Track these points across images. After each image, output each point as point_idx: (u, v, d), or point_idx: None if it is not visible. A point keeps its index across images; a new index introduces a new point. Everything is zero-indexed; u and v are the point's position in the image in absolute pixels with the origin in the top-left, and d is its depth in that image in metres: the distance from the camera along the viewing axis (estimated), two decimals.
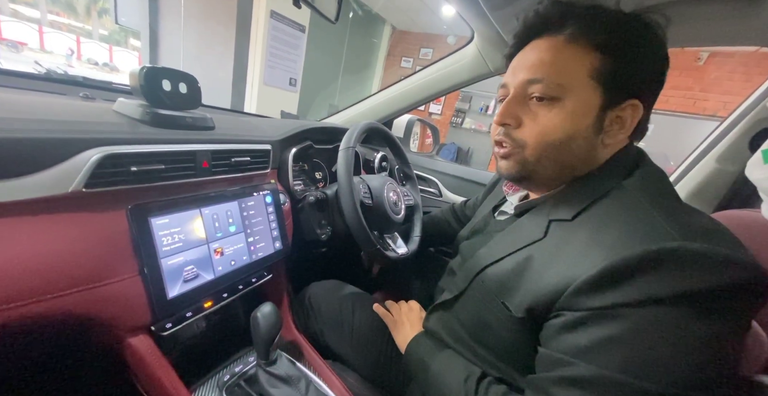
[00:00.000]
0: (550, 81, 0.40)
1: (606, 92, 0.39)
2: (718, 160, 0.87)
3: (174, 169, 0.49)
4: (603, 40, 0.39)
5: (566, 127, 0.40)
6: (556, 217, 0.41)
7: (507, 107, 0.43)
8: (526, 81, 0.42)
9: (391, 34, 4.97)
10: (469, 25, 0.87)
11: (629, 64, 0.39)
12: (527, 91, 0.42)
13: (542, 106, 0.41)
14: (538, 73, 0.41)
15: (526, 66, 0.42)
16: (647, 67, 0.40)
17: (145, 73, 0.47)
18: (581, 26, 0.40)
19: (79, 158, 0.39)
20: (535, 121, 0.42)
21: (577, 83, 0.39)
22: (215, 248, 0.54)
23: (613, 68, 0.39)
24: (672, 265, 0.30)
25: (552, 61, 0.40)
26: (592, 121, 0.40)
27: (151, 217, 0.46)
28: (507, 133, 0.44)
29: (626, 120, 0.41)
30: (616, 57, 0.39)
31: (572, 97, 0.40)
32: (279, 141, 0.73)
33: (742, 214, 0.54)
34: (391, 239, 0.81)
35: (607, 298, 0.32)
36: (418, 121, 1.36)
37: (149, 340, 0.47)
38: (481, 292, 0.46)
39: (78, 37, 6.03)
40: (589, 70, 0.39)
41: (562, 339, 0.34)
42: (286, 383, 0.55)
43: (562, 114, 0.40)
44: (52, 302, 0.37)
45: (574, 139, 0.40)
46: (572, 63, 0.40)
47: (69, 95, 0.61)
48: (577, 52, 0.39)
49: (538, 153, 0.42)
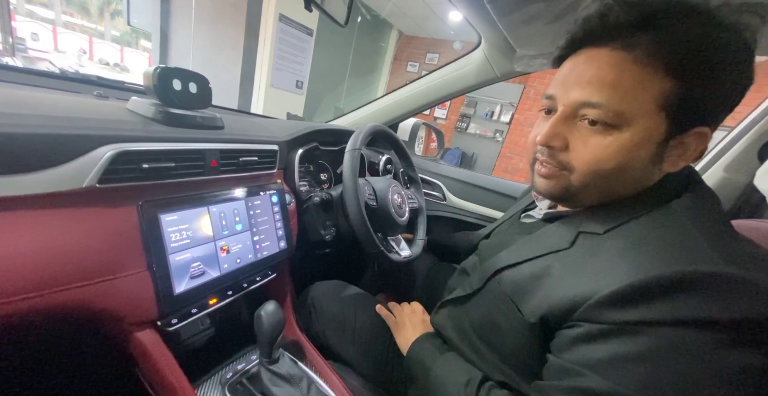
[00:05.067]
0: (610, 108, 0.34)
1: (672, 121, 0.34)
2: (727, 169, 0.86)
3: (184, 167, 0.50)
4: (681, 62, 0.32)
5: (620, 158, 0.35)
6: (587, 230, 0.39)
7: (554, 128, 0.38)
8: (580, 103, 0.36)
9: (398, 38, 5.01)
10: (477, 30, 0.88)
11: (706, 90, 0.33)
12: (579, 112, 0.37)
13: (595, 132, 0.36)
14: (595, 96, 0.35)
15: (580, 82, 0.36)
16: (727, 90, 0.34)
17: (158, 73, 0.48)
18: (657, 43, 0.33)
19: (93, 154, 0.40)
20: (585, 147, 0.37)
21: (640, 113, 0.34)
22: (222, 246, 0.55)
23: (686, 95, 0.33)
24: (708, 289, 0.29)
25: (614, 83, 0.34)
26: (652, 151, 0.36)
27: (160, 214, 0.47)
28: (551, 154, 0.40)
29: (689, 147, 0.36)
30: (693, 82, 0.33)
31: (634, 126, 0.34)
32: (286, 142, 0.74)
33: (752, 225, 0.54)
34: (395, 242, 0.81)
35: (632, 314, 0.31)
36: (423, 125, 1.37)
37: (155, 335, 0.48)
38: (495, 293, 0.45)
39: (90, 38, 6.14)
40: (658, 97, 0.33)
41: (577, 349, 0.34)
42: (288, 382, 0.56)
43: (619, 144, 0.35)
44: (64, 294, 0.38)
45: (627, 170, 0.36)
46: (639, 88, 0.34)
47: (83, 93, 0.63)
48: (646, 76, 0.33)
49: (586, 180, 0.38)
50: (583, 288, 0.34)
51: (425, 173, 1.22)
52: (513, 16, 0.69)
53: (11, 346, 0.44)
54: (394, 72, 5.21)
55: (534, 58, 0.86)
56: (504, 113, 4.52)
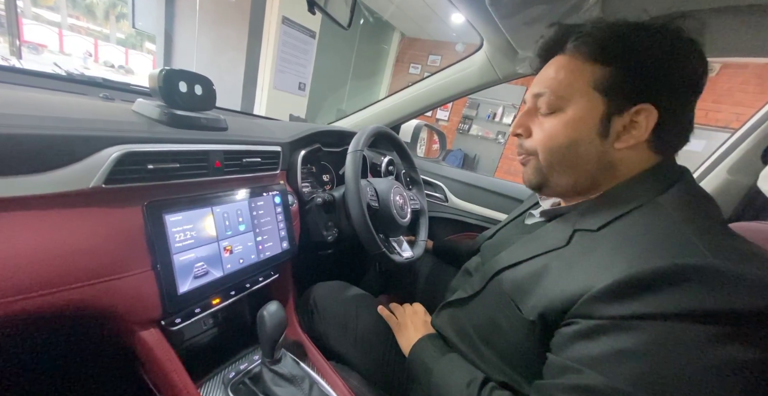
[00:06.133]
0: (552, 93, 0.43)
1: (610, 99, 0.41)
2: (730, 171, 0.86)
3: (188, 167, 0.50)
4: (600, 51, 0.41)
5: (568, 132, 0.43)
6: (581, 227, 0.41)
7: (519, 120, 0.48)
8: (533, 95, 0.46)
9: (400, 40, 5.02)
10: (479, 32, 0.88)
11: (634, 72, 0.39)
12: (536, 105, 0.46)
13: (547, 117, 0.45)
14: (542, 88, 0.45)
15: (536, 82, 0.46)
16: (659, 72, 0.39)
17: (163, 75, 0.48)
18: (579, 42, 0.43)
19: (100, 155, 0.41)
20: (541, 130, 0.45)
21: (577, 94, 0.42)
22: (225, 246, 0.55)
23: (616, 77, 0.40)
24: (699, 283, 0.29)
25: (554, 75, 0.44)
26: (595, 125, 0.41)
27: (165, 214, 0.47)
28: (520, 143, 0.49)
29: (640, 125, 0.40)
30: (617, 66, 0.40)
31: (573, 106, 0.42)
32: (289, 143, 0.74)
33: (756, 227, 0.54)
34: (397, 243, 0.81)
35: (626, 309, 0.31)
36: (425, 126, 1.37)
37: (159, 334, 0.48)
38: (496, 293, 0.46)
39: (96, 40, 6.20)
40: (590, 80, 0.41)
41: (574, 347, 0.34)
42: (290, 383, 0.56)
43: (564, 121, 0.43)
44: (69, 293, 0.38)
45: (579, 144, 0.42)
46: (572, 76, 0.42)
47: (89, 95, 0.63)
48: (576, 66, 0.42)
49: (548, 158, 0.45)
50: (579, 284, 0.35)
51: (427, 175, 1.22)
52: (515, 18, 0.69)
53: (17, 344, 0.44)
54: (396, 74, 5.22)
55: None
56: (506, 115, 4.51)
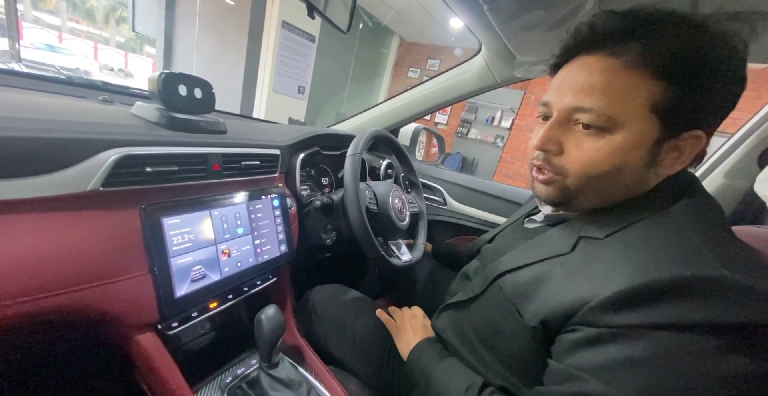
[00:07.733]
0: (601, 112, 0.35)
1: (665, 125, 0.35)
2: (727, 175, 0.86)
3: (186, 170, 0.50)
4: (670, 67, 0.33)
5: (614, 160, 0.36)
6: (587, 235, 0.40)
7: (549, 132, 0.39)
8: (572, 108, 0.37)
9: (399, 45, 5.06)
10: (477, 37, 0.89)
11: (697, 94, 0.34)
12: (572, 117, 0.38)
13: (588, 135, 0.37)
14: (586, 101, 0.36)
15: (573, 89, 0.38)
16: (719, 95, 0.34)
17: (163, 79, 0.48)
18: (645, 48, 0.34)
19: (98, 158, 0.41)
20: (579, 150, 0.38)
21: (632, 116, 0.35)
22: (223, 249, 0.55)
23: (678, 99, 0.34)
24: (708, 294, 0.29)
25: (605, 88, 0.35)
26: (644, 154, 0.36)
27: (163, 217, 0.47)
28: (547, 159, 0.41)
29: (685, 150, 0.36)
30: (683, 86, 0.33)
31: (625, 130, 0.35)
32: (288, 146, 0.74)
33: (752, 231, 0.54)
34: (396, 246, 0.81)
35: (633, 318, 0.31)
36: (424, 129, 1.37)
37: (156, 339, 0.48)
38: (496, 297, 0.46)
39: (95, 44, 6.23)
40: (648, 101, 0.34)
41: (576, 354, 0.34)
42: (288, 387, 0.55)
43: (611, 147, 0.36)
44: (66, 297, 0.38)
45: (622, 172, 0.37)
46: (629, 93, 0.34)
47: (88, 98, 0.63)
48: (635, 80, 0.34)
49: (582, 183, 0.39)
50: (583, 292, 0.34)
51: (426, 178, 1.22)
52: (513, 24, 0.70)
53: (12, 347, 0.44)
54: (395, 78, 5.25)
55: (534, 64, 0.87)
56: (505, 119, 4.54)
